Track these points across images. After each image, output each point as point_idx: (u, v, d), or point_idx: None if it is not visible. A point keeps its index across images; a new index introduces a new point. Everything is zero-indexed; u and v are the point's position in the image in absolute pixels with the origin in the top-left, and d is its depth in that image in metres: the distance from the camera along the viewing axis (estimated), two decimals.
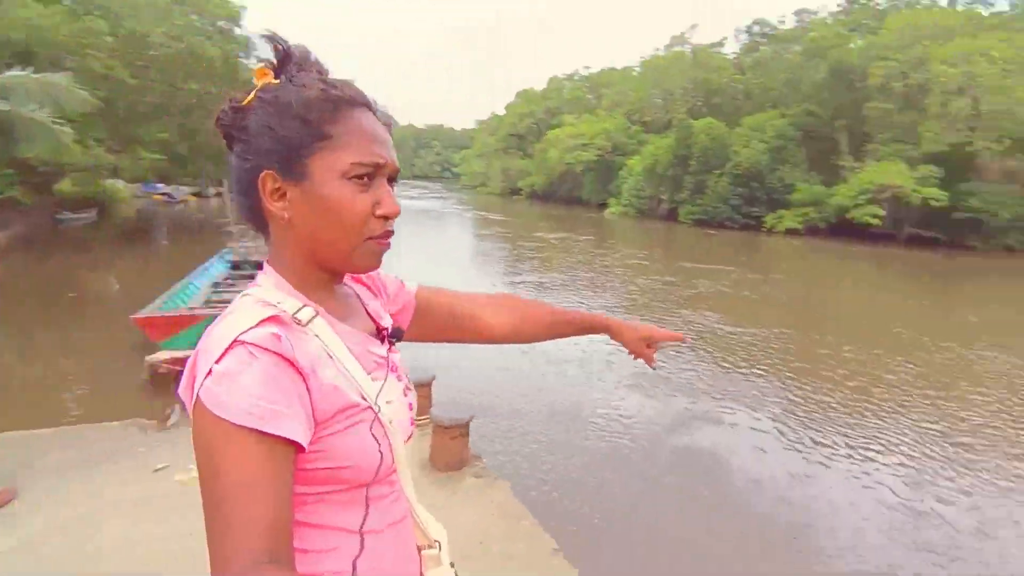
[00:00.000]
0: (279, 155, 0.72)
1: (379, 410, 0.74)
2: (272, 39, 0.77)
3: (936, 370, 8.42)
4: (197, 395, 0.64)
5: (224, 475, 0.61)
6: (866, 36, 31.73)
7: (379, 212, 0.74)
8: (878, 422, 6.38)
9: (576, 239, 24.35)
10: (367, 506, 0.76)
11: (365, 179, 0.73)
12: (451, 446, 4.05)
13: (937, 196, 24.22)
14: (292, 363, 0.66)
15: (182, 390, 0.68)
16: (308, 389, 0.67)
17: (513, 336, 1.10)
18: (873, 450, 5.67)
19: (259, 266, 0.89)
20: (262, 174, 0.73)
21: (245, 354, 0.64)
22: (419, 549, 0.86)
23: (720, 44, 43.75)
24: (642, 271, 16.82)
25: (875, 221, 25.77)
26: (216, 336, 0.66)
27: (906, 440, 5.94)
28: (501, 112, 66.54)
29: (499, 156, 58.17)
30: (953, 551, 4.15)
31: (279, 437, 0.62)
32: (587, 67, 65.95)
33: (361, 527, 0.75)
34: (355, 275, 0.89)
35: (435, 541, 0.87)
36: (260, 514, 0.60)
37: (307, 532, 0.71)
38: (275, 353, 0.65)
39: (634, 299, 12.79)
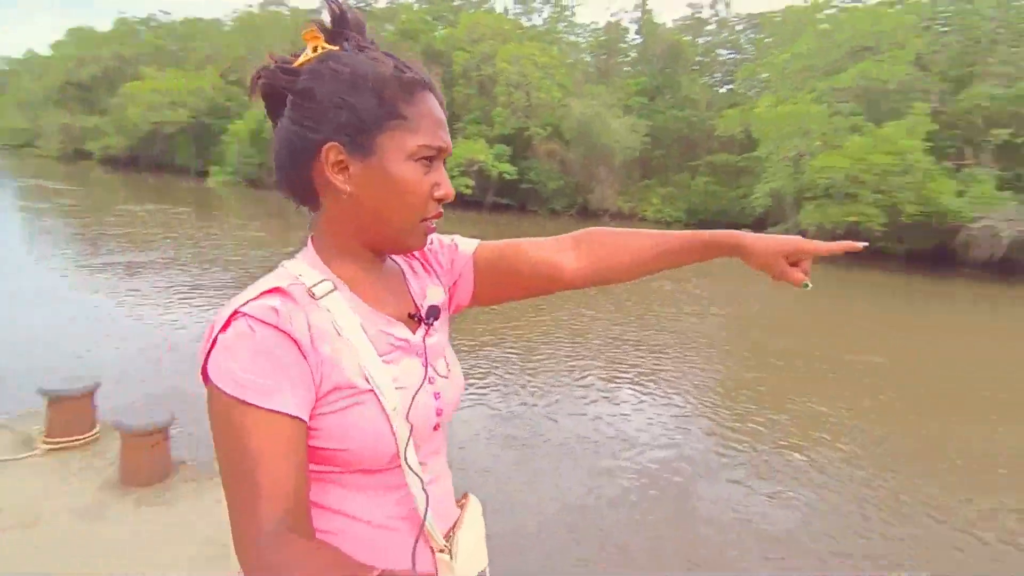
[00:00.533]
0: (350, 128, 0.71)
1: (383, 396, 0.71)
2: (332, 4, 0.74)
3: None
4: (204, 364, 0.65)
5: (234, 446, 0.62)
6: (446, 27, 36.09)
7: (438, 194, 0.76)
8: None
9: (174, 211, 21.38)
10: (373, 495, 0.73)
11: (429, 161, 0.74)
12: (147, 457, 3.44)
13: (508, 170, 29.69)
14: (290, 336, 0.65)
15: (199, 356, 0.66)
16: (307, 363, 0.66)
17: (602, 277, 0.95)
18: None
19: None
20: (327, 145, 0.71)
21: (244, 326, 0.64)
22: (432, 551, 0.79)
23: (317, 11, 43.45)
24: (258, 243, 15.97)
25: (467, 191, 30.18)
26: (228, 305, 0.67)
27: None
28: (44, 52, 52.38)
29: (54, 109, 45.86)
30: None
31: (273, 411, 0.62)
32: (166, 12, 56.73)
33: (365, 516, 0.73)
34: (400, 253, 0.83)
35: (447, 547, 0.80)
36: (274, 482, 0.60)
37: (313, 511, 0.69)
38: (271, 326, 0.65)
39: (252, 273, 12.14)
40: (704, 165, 34.15)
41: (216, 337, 0.65)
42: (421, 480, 0.75)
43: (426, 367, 0.78)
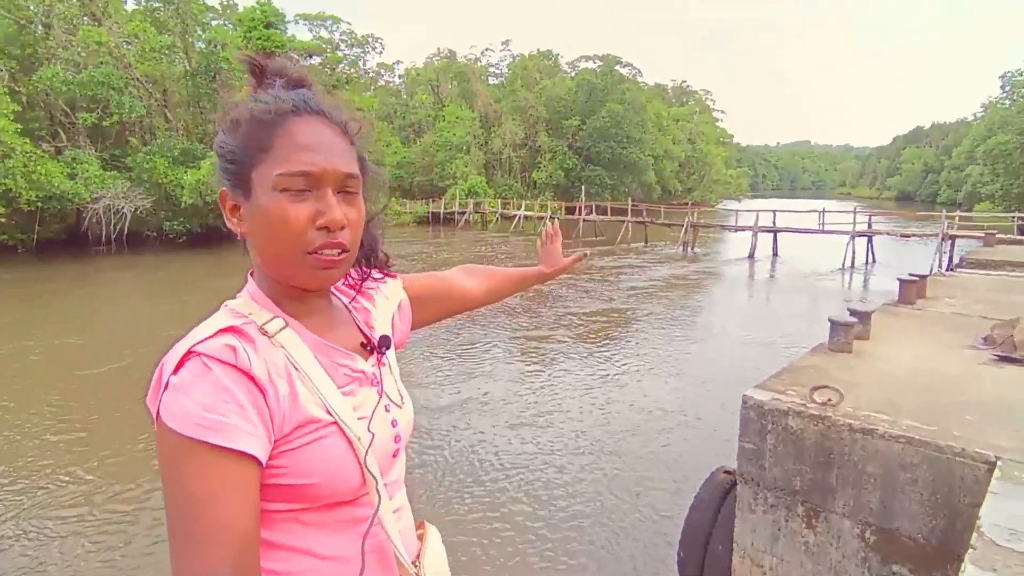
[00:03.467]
0: (228, 172, 0.72)
1: (346, 427, 0.70)
2: (246, 59, 0.75)
3: None
4: (158, 408, 0.63)
5: (183, 488, 0.60)
6: None
7: (318, 223, 0.69)
8: None
9: None
10: (339, 529, 0.71)
11: (302, 190, 0.69)
12: None
13: None
14: (248, 375, 0.64)
15: (148, 400, 0.65)
16: (266, 401, 0.65)
17: (489, 298, 1.18)
18: None
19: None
20: (220, 191, 0.74)
21: (199, 366, 0.63)
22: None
23: None
24: None
25: None
26: (177, 347, 0.65)
27: None
28: None
29: None
30: None
31: (232, 450, 0.61)
32: None
33: (331, 552, 0.71)
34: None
35: (416, 575, 0.79)
36: (223, 526, 0.59)
37: (275, 553, 0.68)
38: (229, 365, 0.63)
39: None
40: None
41: (168, 380, 0.62)
42: (382, 505, 0.75)
43: (381, 395, 0.79)
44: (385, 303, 0.92)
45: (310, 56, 32.38)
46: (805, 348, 3.59)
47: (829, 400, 2.65)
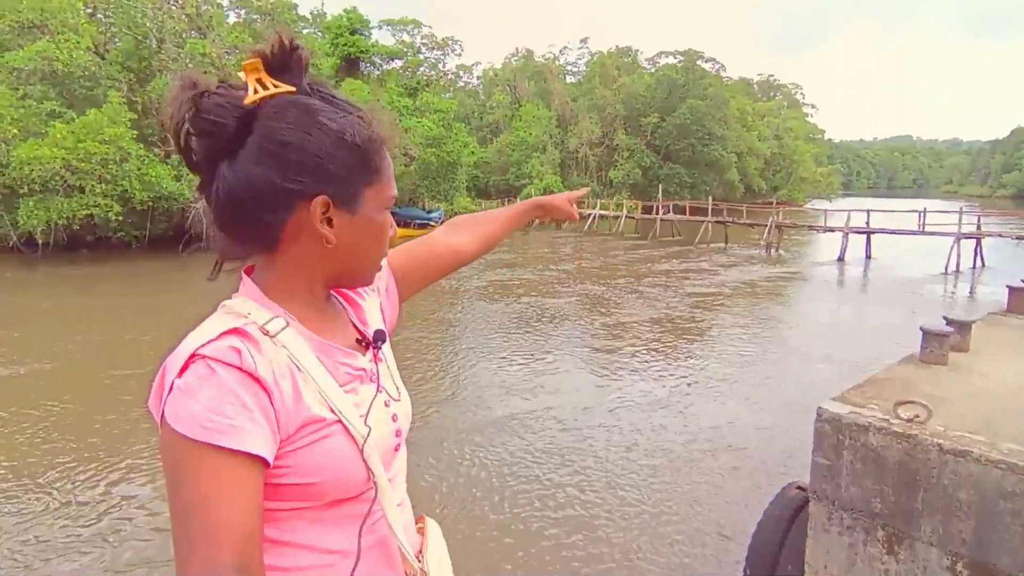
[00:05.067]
0: (338, 182, 0.72)
1: (350, 424, 0.71)
2: (282, 34, 0.71)
3: None
4: (163, 411, 0.63)
5: (188, 490, 0.61)
6: None
7: (391, 234, 0.80)
8: None
9: None
10: (344, 525, 0.73)
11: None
12: None
13: None
14: (253, 376, 0.64)
15: (151, 403, 0.66)
16: (272, 402, 0.65)
17: (483, 246, 1.15)
18: None
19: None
20: (318, 198, 0.71)
21: (204, 368, 0.63)
22: (407, 575, 0.80)
23: None
24: None
25: None
26: (180, 350, 0.65)
27: None
28: None
29: None
30: None
31: (240, 452, 0.61)
32: None
33: (337, 547, 0.72)
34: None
35: (422, 570, 0.81)
36: (225, 528, 0.59)
37: (282, 550, 0.69)
38: (234, 367, 0.63)
39: None
40: None
41: (172, 383, 0.63)
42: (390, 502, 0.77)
43: (379, 391, 0.80)
44: (372, 293, 0.92)
45: (392, 60, 33.47)
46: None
47: (916, 416, 2.46)
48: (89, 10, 23.61)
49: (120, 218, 19.51)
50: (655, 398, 6.78)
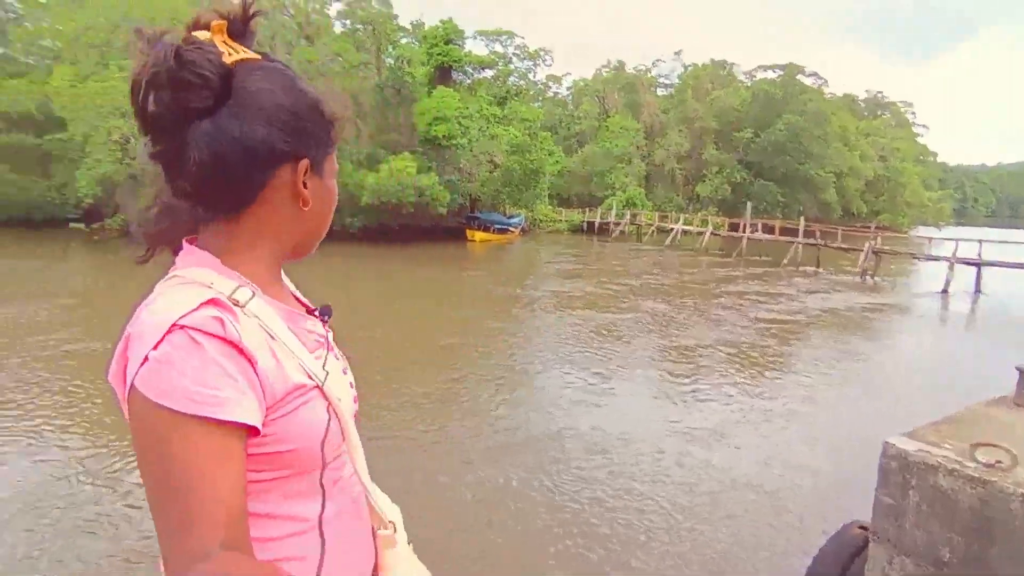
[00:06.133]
0: (316, 146, 0.75)
1: (327, 388, 0.73)
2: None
3: None
4: (132, 383, 0.60)
5: (173, 464, 0.59)
6: None
7: None
8: None
9: None
10: (322, 490, 0.74)
11: None
12: None
13: None
14: (237, 346, 0.63)
15: (112, 376, 0.64)
16: (256, 372, 0.65)
17: None
18: None
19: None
20: (303, 160, 0.73)
21: (186, 339, 0.61)
22: (374, 531, 0.83)
23: None
24: None
25: None
26: (149, 321, 0.62)
27: None
28: None
29: None
30: None
31: (229, 423, 0.60)
32: None
33: (317, 513, 0.73)
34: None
35: (390, 522, 0.85)
36: (216, 501, 0.58)
37: (263, 521, 0.68)
38: (219, 338, 0.62)
39: None
40: None
41: (147, 355, 0.60)
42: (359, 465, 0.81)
43: (339, 359, 0.83)
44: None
45: (483, 69, 34.23)
46: None
47: (998, 462, 2.27)
48: None
49: None
50: (707, 428, 6.24)
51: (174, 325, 0.61)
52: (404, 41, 32.42)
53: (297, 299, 0.86)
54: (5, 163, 27.36)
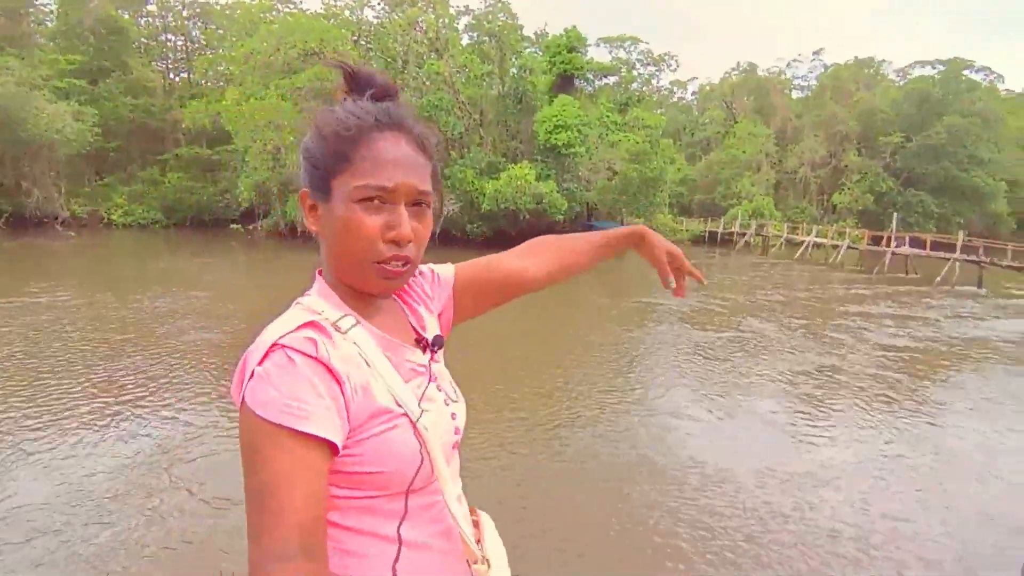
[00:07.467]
0: (311, 175, 0.77)
1: (415, 417, 0.75)
2: (339, 65, 0.81)
3: None
4: (243, 395, 0.67)
5: (263, 470, 0.64)
6: None
7: (389, 236, 0.74)
8: None
9: None
10: (407, 514, 0.76)
11: (376, 201, 0.74)
12: None
13: None
14: (327, 366, 0.69)
15: (232, 390, 0.70)
16: (343, 392, 0.69)
17: (559, 275, 1.08)
18: None
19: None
20: (301, 191, 0.79)
21: (283, 357, 0.67)
22: (468, 563, 0.82)
23: None
24: None
25: None
26: (261, 340, 0.70)
27: None
28: None
29: None
30: None
31: (312, 436, 0.65)
32: None
33: (400, 535, 0.75)
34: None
35: (484, 557, 0.84)
36: (294, 509, 0.63)
37: (345, 535, 0.73)
38: (310, 357, 0.68)
39: None
40: (173, 159, 31.55)
41: (253, 370, 0.67)
42: (454, 494, 0.81)
43: (441, 391, 0.84)
44: (431, 301, 0.94)
45: (605, 76, 34.12)
46: None
47: None
48: (354, 38, 28.21)
49: None
50: (793, 470, 5.15)
51: (275, 344, 0.68)
52: (528, 51, 33.20)
53: (414, 328, 0.87)
54: (183, 171, 31.66)
